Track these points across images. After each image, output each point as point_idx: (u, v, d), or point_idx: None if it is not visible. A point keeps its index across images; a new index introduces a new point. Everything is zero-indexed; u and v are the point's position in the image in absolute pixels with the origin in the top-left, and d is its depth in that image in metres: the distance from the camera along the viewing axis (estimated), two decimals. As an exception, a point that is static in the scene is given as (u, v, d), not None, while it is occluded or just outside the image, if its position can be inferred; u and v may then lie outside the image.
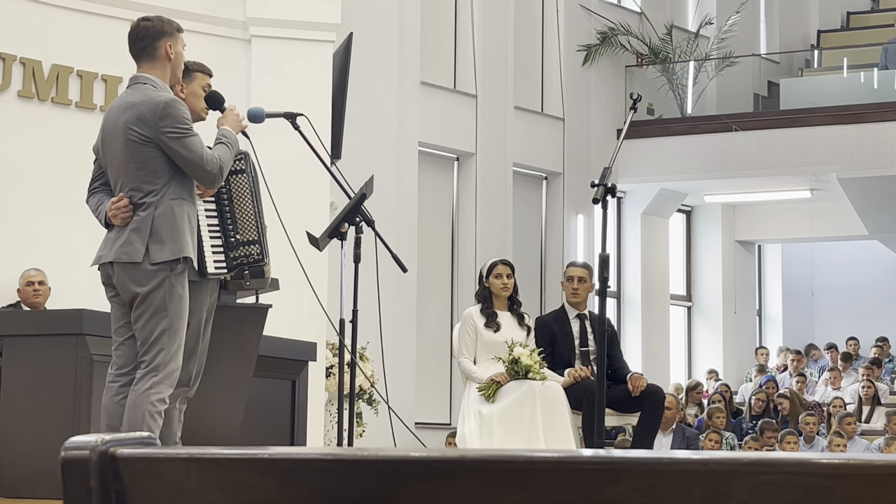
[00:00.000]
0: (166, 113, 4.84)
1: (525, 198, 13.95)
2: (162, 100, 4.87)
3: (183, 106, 4.94)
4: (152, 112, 4.84)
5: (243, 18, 9.66)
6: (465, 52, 13.25)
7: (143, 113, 4.86)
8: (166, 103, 4.86)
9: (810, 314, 17.68)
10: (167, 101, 4.88)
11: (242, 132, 5.23)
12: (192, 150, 4.84)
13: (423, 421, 12.12)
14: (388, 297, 8.39)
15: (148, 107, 4.86)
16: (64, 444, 1.42)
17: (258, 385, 6.28)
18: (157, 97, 4.89)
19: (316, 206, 9.34)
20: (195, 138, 4.88)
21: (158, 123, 4.83)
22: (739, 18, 15.93)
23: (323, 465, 1.35)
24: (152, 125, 4.84)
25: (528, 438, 6.67)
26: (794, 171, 14.33)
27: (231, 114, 5.20)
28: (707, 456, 1.22)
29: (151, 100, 4.88)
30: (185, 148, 4.84)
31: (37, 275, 8.59)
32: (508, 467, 1.28)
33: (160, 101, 4.87)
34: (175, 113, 4.85)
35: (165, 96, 4.91)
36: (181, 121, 4.86)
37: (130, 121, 4.87)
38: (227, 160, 4.98)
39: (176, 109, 4.87)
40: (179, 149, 4.84)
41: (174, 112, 4.85)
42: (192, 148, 4.85)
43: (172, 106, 4.87)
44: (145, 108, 4.86)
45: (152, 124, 4.84)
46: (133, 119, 4.87)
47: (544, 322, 7.39)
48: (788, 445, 11.41)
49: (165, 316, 4.81)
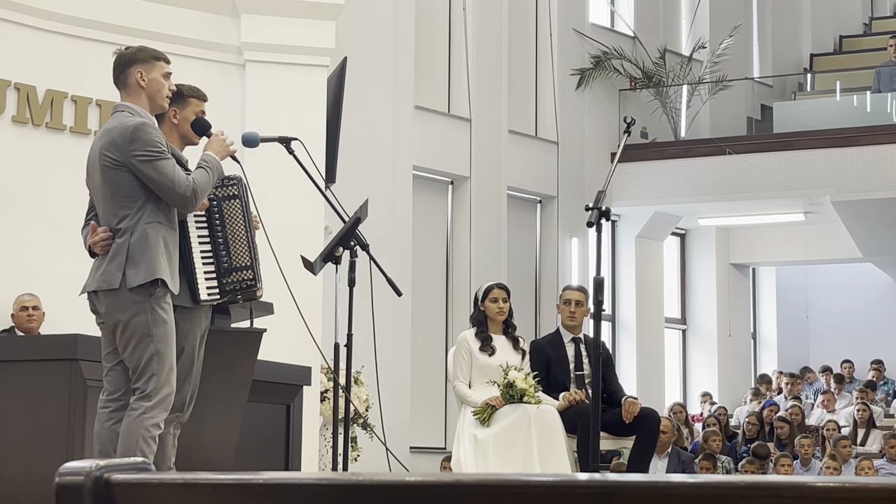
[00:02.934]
0: (136, 136, 4.83)
1: (519, 221, 13.96)
2: (132, 123, 4.87)
3: (154, 129, 4.94)
4: (122, 136, 4.84)
5: (238, 43, 9.68)
6: (459, 76, 13.28)
7: (114, 138, 4.86)
8: (136, 127, 4.85)
9: (805, 337, 17.68)
10: (136, 124, 4.87)
11: (232, 157, 5.23)
12: (162, 174, 4.83)
13: (418, 445, 12.10)
14: (383, 321, 8.39)
15: (119, 131, 4.87)
16: (58, 470, 1.41)
17: (252, 410, 6.26)
18: (129, 122, 4.89)
19: (310, 230, 9.34)
20: (167, 161, 4.86)
21: (128, 147, 4.83)
22: (732, 42, 15.98)
23: (318, 490, 1.35)
24: (122, 149, 4.83)
25: (523, 462, 6.65)
26: (787, 194, 14.35)
27: (217, 139, 5.19)
28: (702, 479, 1.22)
29: (122, 124, 4.88)
30: (156, 171, 4.83)
31: (31, 300, 8.58)
32: (504, 491, 1.28)
33: (130, 124, 4.87)
34: (144, 136, 4.84)
35: (136, 120, 4.90)
36: (151, 144, 4.85)
37: (104, 147, 4.89)
38: (203, 184, 4.96)
39: (145, 133, 4.86)
40: (150, 172, 4.83)
41: (143, 135, 4.84)
42: (162, 171, 4.83)
43: (142, 129, 4.86)
44: (116, 133, 4.87)
45: (122, 148, 4.83)
46: (106, 144, 4.88)
47: (539, 346, 7.39)
48: (783, 468, 11.40)
49: (151, 341, 4.80)
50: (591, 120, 14.77)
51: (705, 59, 15.96)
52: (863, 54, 17.53)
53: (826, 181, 14.11)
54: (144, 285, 4.80)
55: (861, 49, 18.12)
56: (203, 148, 5.17)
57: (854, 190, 13.99)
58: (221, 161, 5.13)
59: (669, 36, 16.31)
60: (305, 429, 7.31)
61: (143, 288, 4.80)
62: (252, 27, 9.67)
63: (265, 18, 9.65)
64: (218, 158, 5.11)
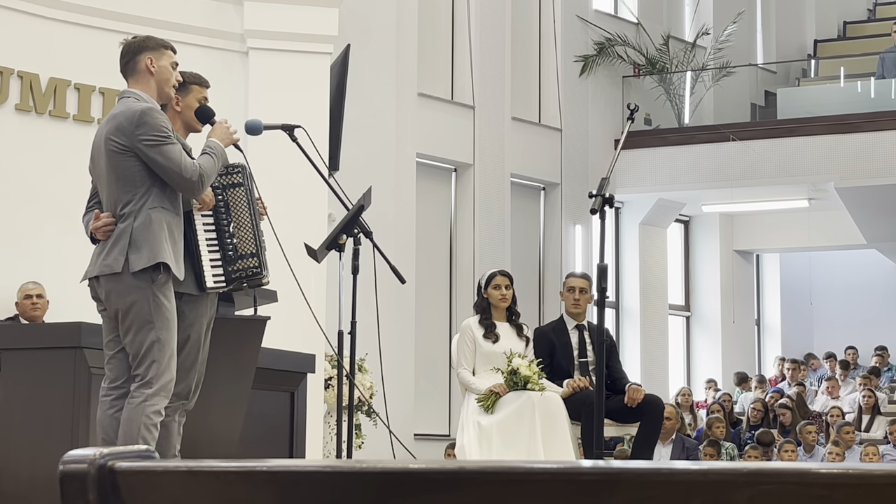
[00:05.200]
0: (143, 121, 4.83)
1: (523, 208, 13.95)
2: (139, 108, 4.87)
3: (161, 115, 4.94)
4: (129, 121, 4.85)
5: (240, 31, 9.67)
6: (463, 63, 13.26)
7: (121, 122, 4.87)
8: (143, 111, 4.86)
9: (809, 323, 17.68)
10: (144, 109, 4.87)
11: (235, 145, 5.23)
12: (169, 158, 4.83)
13: (422, 432, 12.11)
14: (387, 309, 8.40)
15: (126, 116, 4.87)
16: (62, 458, 1.41)
17: (257, 397, 6.27)
18: (135, 106, 4.89)
19: (314, 217, 9.34)
20: (173, 146, 4.87)
21: (135, 132, 4.83)
22: (736, 28, 15.95)
23: (322, 477, 1.35)
24: (129, 133, 4.84)
25: (527, 449, 6.66)
26: (791, 180, 14.34)
27: (220, 127, 5.19)
28: (706, 466, 1.22)
29: (129, 109, 4.89)
30: (163, 155, 4.83)
31: (35, 288, 8.59)
32: (508, 478, 1.28)
33: (137, 109, 4.87)
34: (151, 121, 4.85)
35: (143, 105, 4.90)
36: (158, 128, 4.85)
37: (110, 131, 4.89)
38: (209, 170, 4.96)
39: (152, 117, 4.86)
40: (156, 156, 4.83)
41: (150, 120, 4.85)
42: (169, 156, 4.84)
43: (149, 114, 4.87)
44: (123, 117, 4.87)
45: (129, 133, 4.84)
46: (112, 129, 4.88)
47: (543, 333, 7.39)
48: (786, 455, 11.40)
49: (153, 328, 4.80)
50: (594, 107, 14.75)
51: (709, 45, 15.94)
52: (867, 40, 17.50)
53: (830, 167, 14.10)
54: (147, 270, 4.79)
55: (865, 35, 18.09)
56: (207, 135, 5.17)
57: (858, 176, 13.98)
58: (225, 149, 5.14)
59: (673, 22, 16.27)
60: (310, 416, 7.32)
61: (145, 273, 4.79)
62: (255, 14, 9.66)
63: (268, 6, 9.64)
64: (222, 146, 5.11)
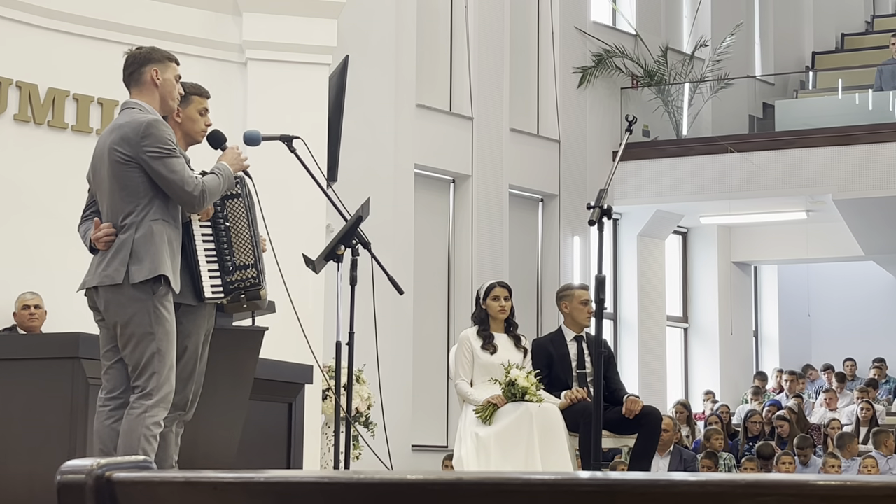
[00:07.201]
0: (149, 132, 4.84)
1: (521, 220, 13.96)
2: (145, 120, 4.89)
3: (166, 127, 4.95)
4: (135, 132, 4.86)
5: (239, 42, 9.68)
6: (461, 74, 13.28)
7: (126, 133, 4.87)
8: (149, 123, 4.87)
9: (807, 335, 17.68)
10: (150, 121, 4.89)
11: (244, 172, 5.24)
12: (173, 171, 4.84)
13: (420, 443, 12.10)
14: (385, 320, 8.39)
15: (131, 127, 4.88)
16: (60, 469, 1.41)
17: (254, 408, 6.27)
18: (141, 118, 4.91)
19: (312, 228, 9.34)
20: (178, 160, 4.88)
21: (140, 143, 4.84)
22: (734, 40, 15.98)
23: (319, 488, 1.35)
24: (134, 144, 4.84)
25: (524, 461, 6.66)
26: (789, 192, 14.35)
27: (232, 152, 5.20)
28: (704, 478, 1.22)
29: (135, 120, 4.90)
30: (167, 168, 4.84)
31: (33, 298, 8.59)
32: (505, 490, 1.28)
33: (143, 121, 4.88)
34: (157, 133, 4.86)
35: (148, 117, 4.92)
36: (164, 141, 4.86)
37: (115, 142, 4.89)
38: (212, 189, 4.96)
39: (158, 129, 4.87)
40: (160, 168, 4.84)
41: (156, 132, 4.86)
42: (173, 168, 4.85)
43: (155, 126, 4.88)
44: (129, 128, 4.88)
45: (134, 143, 4.84)
46: (117, 140, 4.89)
47: (541, 344, 7.39)
48: (784, 466, 11.40)
49: (153, 339, 4.80)
50: (592, 118, 14.76)
51: (707, 57, 15.96)
52: (865, 52, 17.52)
53: (828, 179, 14.11)
54: (147, 282, 4.79)
55: (863, 47, 18.11)
56: (217, 159, 5.18)
57: (856, 188, 13.99)
58: (234, 174, 5.14)
59: (671, 34, 16.30)
60: (307, 427, 7.31)
61: (145, 285, 4.80)
62: (254, 25, 9.67)
63: (267, 17, 9.66)
64: (231, 170, 5.11)
